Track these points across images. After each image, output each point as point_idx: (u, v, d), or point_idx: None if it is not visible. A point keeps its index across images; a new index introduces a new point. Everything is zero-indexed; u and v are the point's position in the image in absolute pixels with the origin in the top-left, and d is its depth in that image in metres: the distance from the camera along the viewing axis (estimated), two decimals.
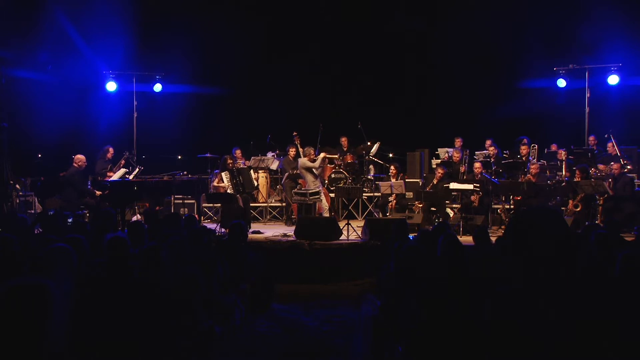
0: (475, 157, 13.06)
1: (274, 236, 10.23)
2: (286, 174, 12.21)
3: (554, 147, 12.75)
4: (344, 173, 13.03)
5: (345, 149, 13.53)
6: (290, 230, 10.42)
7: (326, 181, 12.75)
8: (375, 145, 13.49)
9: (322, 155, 11.64)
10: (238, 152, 13.19)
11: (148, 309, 3.83)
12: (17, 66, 12.60)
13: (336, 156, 12.98)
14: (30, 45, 12.83)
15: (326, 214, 11.27)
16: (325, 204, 11.43)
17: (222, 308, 5.51)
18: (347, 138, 13.61)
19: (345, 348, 6.00)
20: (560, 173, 11.82)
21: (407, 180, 12.19)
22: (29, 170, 12.84)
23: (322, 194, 11.30)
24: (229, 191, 11.30)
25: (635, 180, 11.46)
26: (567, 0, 13.91)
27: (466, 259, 4.58)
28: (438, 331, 3.75)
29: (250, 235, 9.48)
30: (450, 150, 13.29)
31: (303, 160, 11.36)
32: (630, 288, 3.25)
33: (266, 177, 13.20)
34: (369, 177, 13.66)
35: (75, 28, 13.34)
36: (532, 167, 11.40)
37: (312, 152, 11.51)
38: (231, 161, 11.66)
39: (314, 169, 11.28)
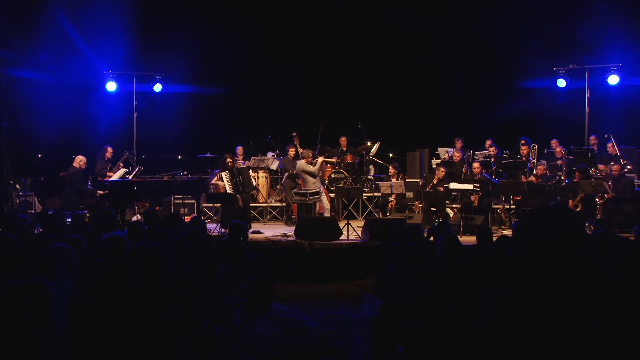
0: (475, 157, 13.07)
1: (274, 236, 10.23)
2: (286, 174, 12.21)
3: (554, 143, 12.73)
4: (344, 173, 13.04)
5: (344, 149, 13.53)
6: (290, 230, 10.41)
7: (326, 181, 12.75)
8: (375, 145, 13.49)
9: (320, 159, 11.61)
10: (240, 150, 13.27)
11: (148, 309, 3.83)
12: (17, 66, 12.61)
13: (334, 160, 12.95)
14: (30, 45, 12.83)
15: (327, 214, 11.26)
16: (326, 203, 11.43)
17: (222, 308, 5.51)
18: (347, 138, 13.60)
19: (345, 348, 5.99)
20: (560, 173, 11.83)
21: (407, 180, 12.20)
22: (29, 170, 12.85)
23: (322, 194, 11.30)
24: (228, 191, 11.30)
25: (635, 181, 11.46)
26: (567, 0, 13.92)
27: (466, 259, 4.58)
28: (438, 331, 3.75)
29: (250, 235, 9.48)
30: (450, 150, 13.29)
31: (301, 163, 11.33)
32: (629, 288, 3.25)
33: (266, 177, 13.21)
34: (369, 177, 13.66)
35: (75, 28, 13.34)
36: (539, 167, 11.41)
37: (310, 154, 11.47)
38: (230, 160, 11.66)
39: (313, 173, 11.27)
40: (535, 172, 11.59)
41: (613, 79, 13.13)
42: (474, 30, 13.88)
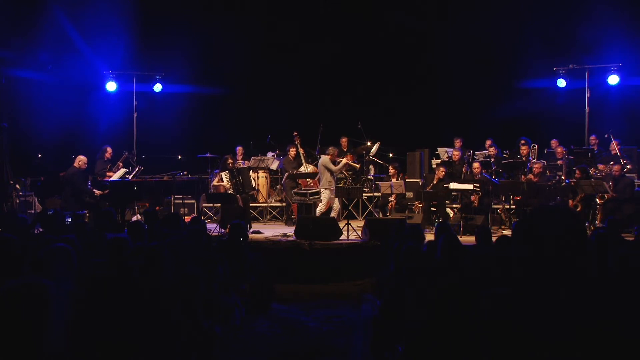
0: (475, 157, 13.07)
1: (274, 236, 10.23)
2: (286, 174, 12.21)
3: (554, 143, 12.74)
4: (344, 173, 13.03)
5: (345, 149, 13.53)
6: (290, 230, 10.41)
7: None
8: (375, 145, 13.49)
9: (344, 161, 11.62)
10: (240, 150, 13.28)
11: (148, 309, 3.83)
12: (17, 66, 12.62)
13: (357, 166, 12.89)
14: (30, 45, 12.83)
15: (334, 214, 11.22)
16: (336, 204, 11.40)
17: (222, 308, 5.51)
18: (347, 138, 13.61)
19: (345, 348, 5.99)
20: (560, 173, 11.83)
21: (407, 180, 12.20)
22: (29, 170, 12.86)
23: (335, 197, 11.25)
24: (229, 191, 11.30)
25: (635, 181, 11.46)
26: (567, 0, 13.92)
27: (466, 259, 4.58)
28: (438, 331, 3.75)
29: (250, 235, 9.48)
30: (450, 150, 13.29)
31: (325, 159, 11.29)
32: (629, 288, 3.25)
33: (266, 177, 13.21)
34: (369, 177, 13.66)
35: (75, 28, 13.35)
36: (535, 166, 11.40)
37: (335, 152, 11.46)
38: (231, 161, 11.67)
39: (333, 171, 11.25)
40: (532, 171, 11.58)
41: (613, 79, 13.13)
42: (474, 30, 13.87)
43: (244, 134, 14.35)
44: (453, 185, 11.02)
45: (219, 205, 11.64)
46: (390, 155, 13.99)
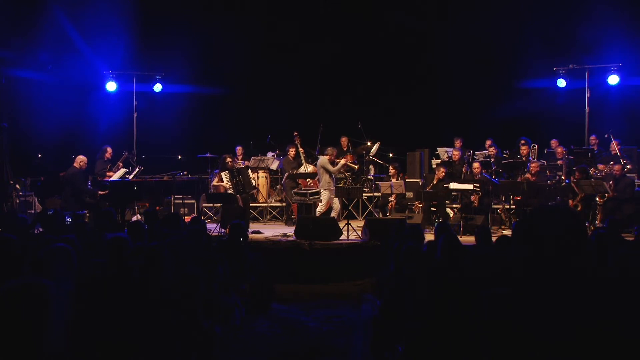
0: (475, 157, 13.07)
1: (274, 236, 10.23)
2: (286, 174, 12.21)
3: (554, 143, 12.73)
4: (344, 173, 13.03)
5: (345, 149, 13.54)
6: (290, 230, 10.41)
7: None
8: (375, 145, 13.49)
9: (343, 161, 11.60)
10: (239, 150, 13.28)
11: (148, 309, 3.83)
12: (17, 66, 12.62)
13: (355, 166, 12.88)
14: (30, 45, 12.83)
15: (334, 214, 11.20)
16: (337, 204, 11.39)
17: (222, 308, 5.51)
18: (347, 138, 13.61)
19: (345, 348, 5.99)
20: (560, 173, 11.83)
21: (407, 180, 12.20)
22: (29, 170, 12.86)
23: (331, 194, 11.26)
24: (229, 191, 11.30)
25: (636, 181, 11.46)
26: (567, 0, 13.92)
27: (466, 259, 4.58)
28: (438, 331, 3.75)
29: (250, 235, 9.48)
30: (449, 150, 13.29)
31: (323, 160, 11.28)
32: (629, 288, 3.25)
33: (266, 177, 13.20)
34: (369, 177, 13.65)
35: (75, 28, 13.35)
36: (532, 165, 11.40)
37: (334, 153, 11.43)
38: (230, 160, 11.66)
39: (331, 172, 11.25)
40: (530, 170, 11.58)
41: (613, 79, 13.13)
42: (474, 30, 13.87)
43: (244, 134, 14.35)
44: (453, 185, 11.02)
45: (219, 205, 11.63)
46: (390, 155, 13.99)
